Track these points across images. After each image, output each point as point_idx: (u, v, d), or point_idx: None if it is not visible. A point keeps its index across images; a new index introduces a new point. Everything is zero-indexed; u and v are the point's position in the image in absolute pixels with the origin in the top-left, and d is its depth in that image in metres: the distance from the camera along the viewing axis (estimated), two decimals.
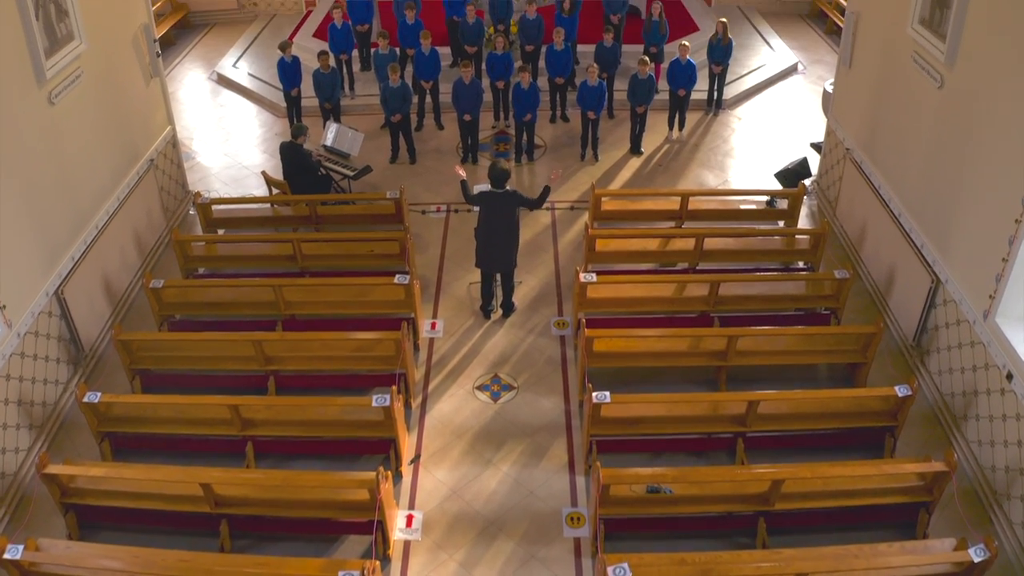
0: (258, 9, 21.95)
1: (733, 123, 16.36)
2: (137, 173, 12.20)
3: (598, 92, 14.18)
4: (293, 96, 15.63)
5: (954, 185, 9.56)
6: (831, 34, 20.40)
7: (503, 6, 16.67)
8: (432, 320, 11.38)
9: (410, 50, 15.87)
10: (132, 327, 11.20)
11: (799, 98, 17.43)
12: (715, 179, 14.48)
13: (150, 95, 12.83)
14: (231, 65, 19.12)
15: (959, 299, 9.44)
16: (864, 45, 12.21)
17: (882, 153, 11.59)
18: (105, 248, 11.23)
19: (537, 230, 13.14)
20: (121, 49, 11.91)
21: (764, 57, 18.86)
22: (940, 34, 9.68)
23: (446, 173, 14.59)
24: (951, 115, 9.61)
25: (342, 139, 13.66)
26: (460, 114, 14.37)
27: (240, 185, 14.63)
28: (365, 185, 13.97)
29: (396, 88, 14.13)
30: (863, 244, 12.17)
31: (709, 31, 18.20)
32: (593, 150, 14.96)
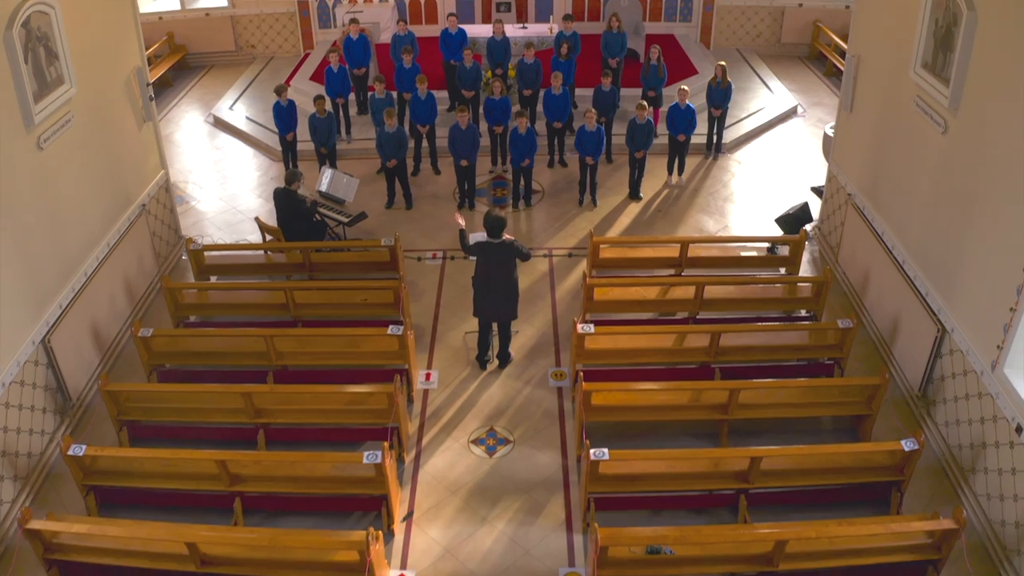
0: (256, 51, 21.96)
1: (733, 167, 16.22)
2: (128, 219, 12.04)
3: (596, 137, 14.04)
4: (289, 140, 15.50)
5: (959, 232, 9.37)
6: (831, 76, 20.37)
7: (501, 50, 16.58)
8: (427, 371, 11.14)
9: (406, 94, 15.77)
10: (121, 376, 11.03)
11: (799, 141, 17.32)
12: (715, 224, 14.30)
13: (143, 139, 12.69)
14: (228, 108, 19.06)
15: (966, 349, 9.21)
16: (865, 89, 12.08)
17: (884, 199, 11.41)
18: (94, 295, 11.04)
19: (534, 277, 12.94)
20: (113, 93, 11.77)
21: (763, 100, 18.78)
22: (943, 78, 9.53)
23: (443, 219, 14.45)
24: (955, 161, 9.45)
25: (337, 185, 13.50)
26: (457, 159, 14.23)
27: (235, 230, 14.45)
28: (361, 231, 13.81)
29: (392, 133, 14.00)
30: (866, 291, 11.96)
31: (708, 74, 18.19)
32: (591, 195, 14.80)
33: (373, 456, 8.48)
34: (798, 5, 21.44)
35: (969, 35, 9.00)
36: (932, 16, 9.75)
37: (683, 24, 21.57)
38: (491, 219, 10.24)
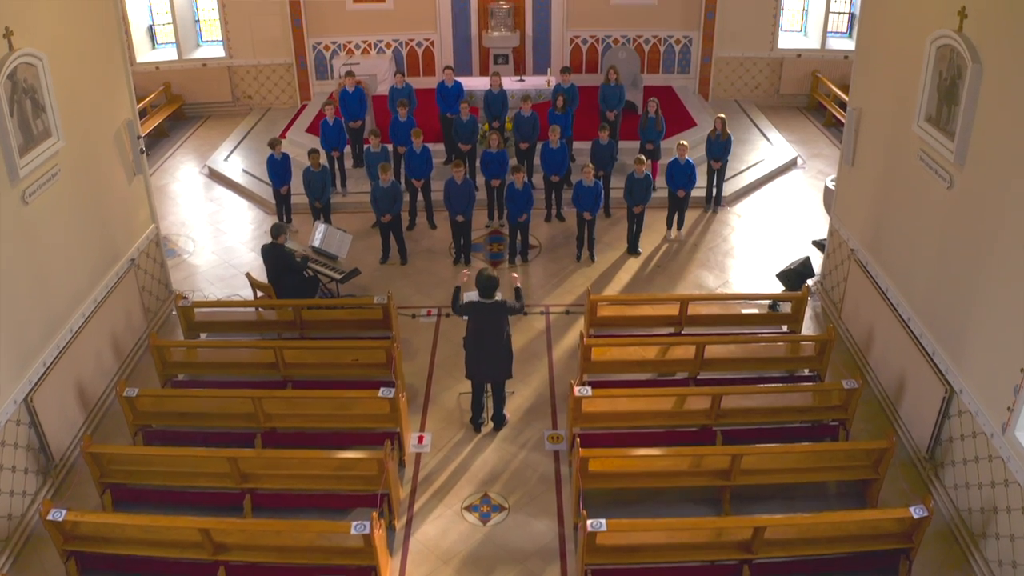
0: (253, 102, 21.90)
1: (733, 220, 16.03)
2: (117, 274, 11.83)
3: (594, 192, 13.87)
4: (283, 194, 15.37)
5: (967, 290, 9.14)
6: (830, 127, 20.30)
7: (498, 103, 16.47)
8: (420, 433, 10.84)
9: (401, 148, 15.62)
10: (106, 436, 10.78)
11: (799, 193, 17.16)
12: (715, 280, 14.07)
13: (133, 192, 12.52)
14: (223, 159, 18.92)
15: (975, 411, 8.95)
16: (867, 142, 11.91)
17: (888, 254, 11.20)
18: (80, 352, 10.79)
19: (531, 336, 12.68)
20: (102, 146, 11.62)
21: (763, 152, 18.66)
22: (948, 132, 9.34)
23: (438, 274, 14.24)
24: (962, 217, 9.24)
25: (330, 240, 13.30)
26: (452, 215, 14.04)
27: (227, 285, 14.21)
28: (355, 287, 13.59)
29: (387, 188, 13.83)
30: (871, 349, 11.71)
31: (707, 126, 18.11)
32: (589, 251, 14.59)
33: (361, 527, 8.19)
34: (796, 56, 21.44)
35: (974, 88, 8.81)
36: (935, 69, 9.59)
37: (681, 76, 21.54)
38: (484, 279, 10.02)
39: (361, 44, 21.10)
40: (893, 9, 11.06)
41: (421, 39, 21.16)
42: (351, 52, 21.00)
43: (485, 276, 10.04)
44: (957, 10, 9.05)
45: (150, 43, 21.90)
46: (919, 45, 9.90)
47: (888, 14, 11.24)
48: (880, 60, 11.52)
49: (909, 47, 10.31)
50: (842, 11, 21.69)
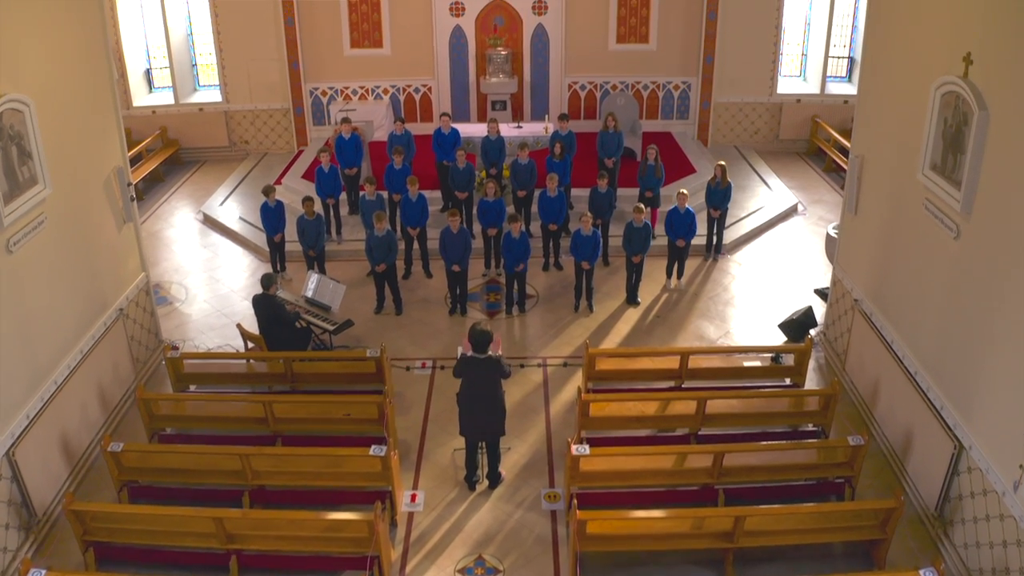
0: (250, 147, 21.83)
1: (733, 269, 15.81)
2: (104, 324, 11.58)
3: (592, 242, 13.67)
4: (277, 242, 15.22)
5: (975, 343, 8.88)
6: (830, 172, 20.20)
7: (496, 150, 16.34)
8: (412, 491, 10.51)
9: (397, 195, 15.47)
10: (91, 490, 10.51)
11: (800, 241, 16.97)
12: (716, 330, 13.81)
13: (122, 241, 12.31)
14: (219, 204, 18.76)
15: (985, 468, 8.66)
16: (870, 191, 11.72)
17: (893, 305, 10.95)
18: (65, 404, 10.52)
19: (528, 389, 12.39)
20: (91, 193, 11.43)
21: (763, 198, 18.50)
22: (954, 181, 9.13)
23: (433, 325, 14.00)
24: (969, 267, 9.00)
25: (323, 291, 13.08)
26: (448, 265, 13.82)
27: (220, 334, 13.95)
28: (349, 337, 13.35)
29: (381, 237, 13.63)
30: (876, 402, 11.42)
31: (706, 172, 18.03)
32: (588, 301, 14.34)
33: None
34: (796, 101, 21.42)
35: (981, 136, 8.61)
36: (940, 116, 9.39)
37: (680, 121, 21.49)
38: (476, 333, 9.76)
39: (359, 90, 21.08)
40: (896, 55, 10.91)
41: (419, 85, 21.13)
42: (348, 98, 20.95)
43: (478, 331, 9.78)
44: (962, 55, 8.88)
45: (147, 87, 21.93)
46: (923, 92, 9.73)
47: (890, 60, 11.08)
48: (883, 107, 11.35)
49: (913, 94, 10.15)
50: (841, 56, 21.72)
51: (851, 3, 21.26)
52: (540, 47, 20.79)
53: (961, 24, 9.11)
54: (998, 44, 8.41)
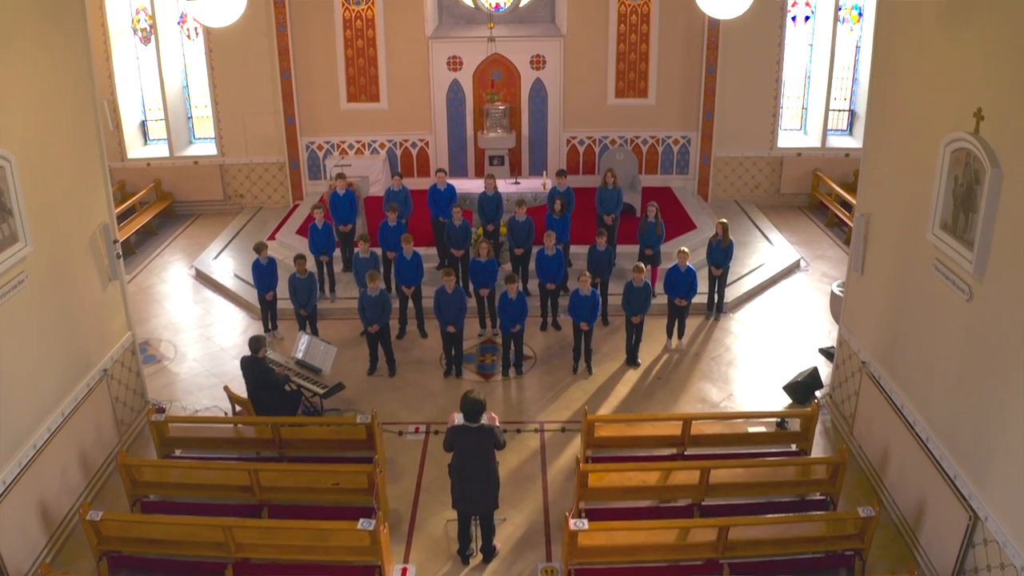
0: (245, 201, 21.63)
1: (735, 328, 15.47)
2: (87, 385, 11.25)
3: (591, 302, 13.35)
4: (268, 300, 14.94)
5: (991, 409, 8.52)
6: (832, 227, 20.00)
7: (493, 206, 16.11)
8: (403, 565, 10.07)
9: (391, 253, 15.22)
10: (71, 558, 10.15)
11: (804, 298, 16.65)
12: (719, 393, 13.42)
13: (107, 299, 12.00)
14: (212, 259, 18.50)
15: (1002, 540, 8.28)
16: (877, 250, 11.43)
17: (903, 368, 10.59)
18: (44, 469, 10.16)
19: (524, 456, 11.97)
20: (74, 250, 11.14)
21: (764, 254, 18.23)
22: (966, 241, 8.82)
23: (427, 387, 13.61)
24: (983, 331, 8.66)
25: (314, 353, 12.75)
26: (443, 325, 13.49)
27: (209, 395, 13.57)
28: (341, 400, 12.99)
29: (375, 297, 13.33)
30: (886, 469, 11.02)
31: (707, 228, 17.84)
32: (587, 362, 13.97)
33: None
34: (797, 155, 21.25)
35: (994, 194, 8.31)
36: (950, 174, 9.11)
37: (680, 176, 21.31)
38: (468, 402, 9.37)
39: (355, 144, 20.94)
40: (902, 110, 10.65)
41: (416, 139, 20.99)
42: (345, 152, 20.79)
43: (470, 399, 9.40)
44: (973, 111, 8.60)
45: (142, 139, 21.84)
46: (932, 148, 9.46)
47: (897, 115, 10.83)
48: (889, 164, 11.07)
49: (921, 150, 9.88)
50: (842, 108, 21.63)
51: (851, 56, 21.22)
52: (538, 102, 20.70)
53: (971, 78, 8.84)
54: (1010, 98, 8.13)
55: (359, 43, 20.15)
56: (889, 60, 11.08)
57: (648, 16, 20.08)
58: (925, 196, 9.69)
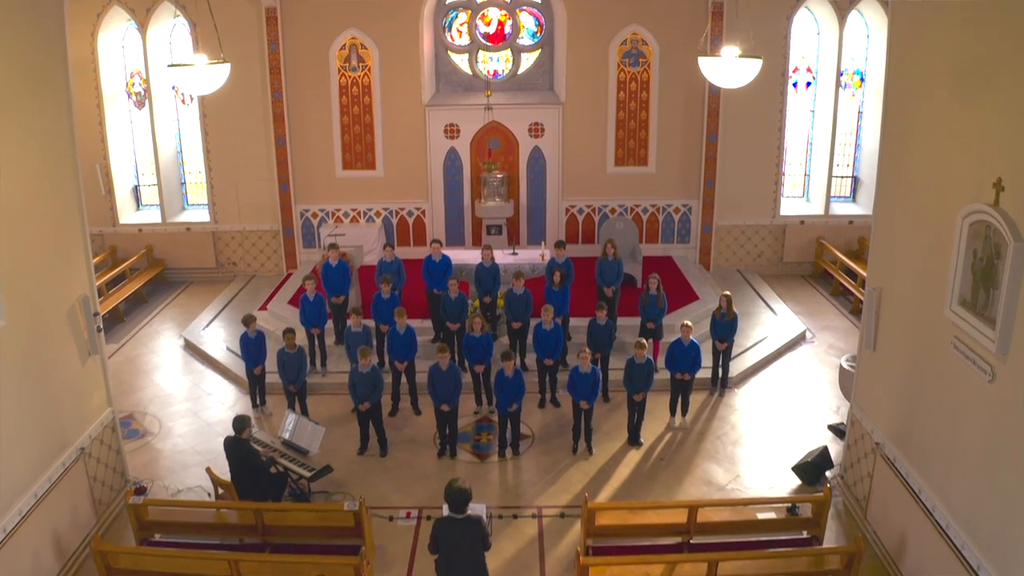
0: (237, 269, 21.31)
1: (740, 404, 14.96)
2: (63, 464, 10.78)
3: (591, 380, 12.85)
4: (257, 374, 14.47)
5: (1016, 496, 8.00)
6: (837, 296, 19.67)
7: (490, 278, 15.70)
8: None
9: (384, 327, 14.79)
10: None
11: (810, 372, 16.15)
12: (725, 474, 12.85)
13: (87, 374, 11.56)
14: (201, 330, 18.05)
15: None
16: (890, 326, 10.96)
17: (921, 452, 10.06)
18: (14, 554, 9.67)
19: (520, 544, 11.34)
20: (52, 324, 10.73)
21: (768, 326, 17.79)
22: (987, 319, 8.36)
23: (421, 468, 13.03)
24: (1007, 413, 8.15)
25: (301, 433, 12.23)
26: (437, 404, 12.98)
27: (192, 474, 12.97)
28: (329, 481, 12.41)
29: (366, 374, 12.85)
30: (903, 558, 10.43)
31: (709, 299, 17.51)
32: (587, 442, 13.40)
33: None
34: (800, 223, 21.00)
35: (1017, 269, 7.88)
36: (968, 247, 8.70)
37: (681, 245, 21.03)
38: (453, 492, 8.75)
39: (350, 212, 20.68)
40: (915, 181, 10.26)
41: (412, 208, 20.71)
42: (340, 220, 20.51)
43: (455, 488, 8.78)
44: (992, 181, 8.21)
45: (135, 204, 21.66)
46: (948, 220, 9.06)
47: (909, 186, 10.44)
48: (902, 236, 10.66)
49: (936, 222, 9.50)
50: (845, 175, 21.47)
51: (854, 122, 21.12)
52: (537, 170, 20.47)
53: (989, 147, 8.47)
54: None
55: (355, 110, 19.97)
56: (900, 129, 10.74)
57: (648, 83, 19.94)
58: (941, 270, 9.27)
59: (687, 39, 19.15)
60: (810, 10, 20.15)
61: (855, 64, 20.82)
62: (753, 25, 13.76)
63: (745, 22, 13.90)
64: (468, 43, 20.54)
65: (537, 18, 20.39)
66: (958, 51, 9.21)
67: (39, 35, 10.46)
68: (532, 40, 20.55)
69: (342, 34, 19.58)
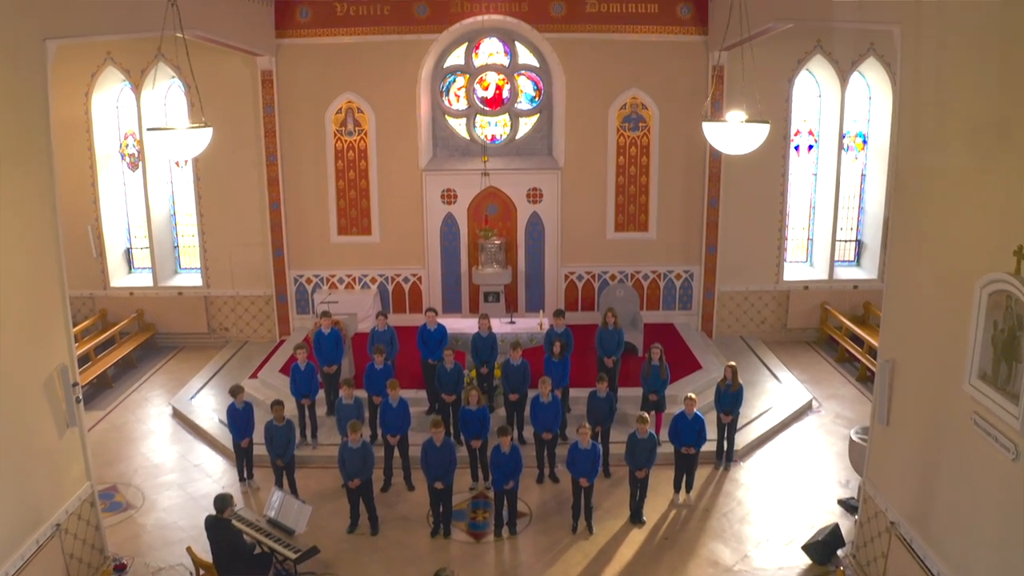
0: (229, 335, 20.94)
1: (746, 479, 14.43)
2: (37, 541, 10.39)
3: (591, 456, 12.37)
4: (244, 447, 13.98)
5: None
6: (843, 363, 19.29)
7: (486, 348, 15.31)
8: None
9: (377, 398, 14.37)
10: None
11: (818, 443, 15.66)
12: (732, 554, 12.29)
13: (64, 447, 11.19)
14: (189, 399, 17.59)
15: None
16: (904, 400, 10.58)
17: (939, 532, 9.61)
18: None
19: None
20: (28, 395, 10.41)
21: (773, 395, 17.35)
22: (1010, 394, 8.00)
23: (413, 548, 12.47)
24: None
25: (287, 512, 11.73)
26: (430, 480, 12.48)
27: (174, 552, 12.38)
28: (317, 562, 11.85)
29: (356, 449, 12.37)
30: None
31: (712, 368, 17.17)
32: (587, 521, 12.86)
33: None
34: (804, 288, 20.66)
35: None
36: (988, 318, 8.36)
37: (683, 312, 20.68)
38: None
39: (345, 278, 20.39)
40: (929, 246, 9.97)
41: (408, 274, 20.41)
42: (334, 287, 20.20)
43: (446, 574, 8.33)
44: (1012, 249, 7.90)
45: (126, 267, 21.38)
46: (965, 290, 8.72)
47: (923, 254, 10.15)
48: (916, 306, 10.33)
49: (952, 292, 9.16)
50: (849, 239, 21.23)
51: (856, 185, 20.94)
52: (535, 236, 20.20)
53: (1009, 212, 8.16)
54: None
55: (351, 174, 19.77)
56: (912, 193, 10.48)
57: (648, 148, 19.77)
58: (959, 342, 8.93)
59: (687, 103, 19.05)
60: (811, 72, 20.04)
61: (857, 126, 20.68)
62: (754, 88, 13.49)
63: (749, 85, 13.63)
64: (466, 107, 20.39)
65: (535, 82, 20.26)
66: (975, 112, 8.96)
67: (20, 99, 10.23)
68: (530, 105, 20.40)
69: (338, 98, 19.47)
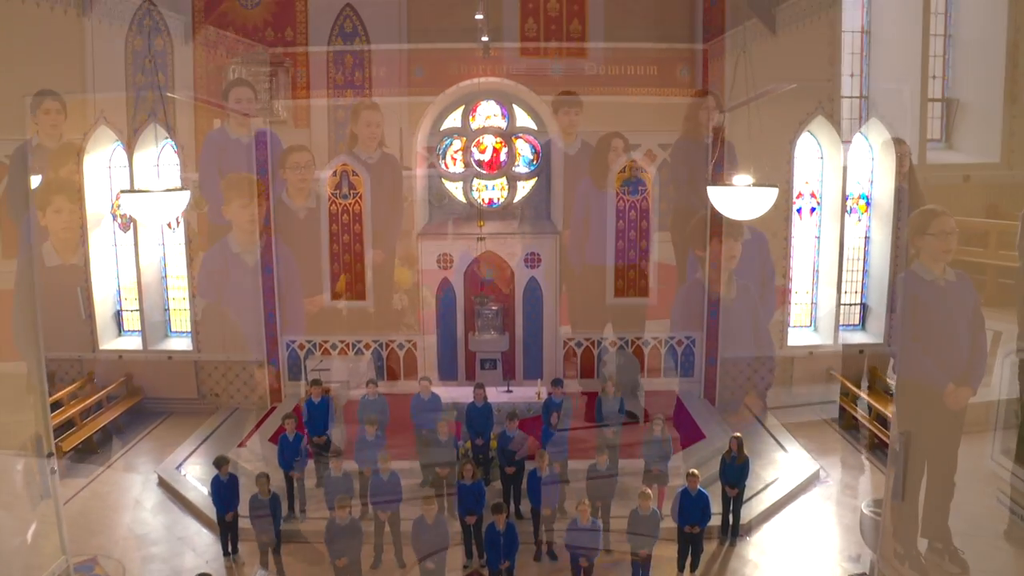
0: (220, 400, 20.44)
1: (753, 555, 13.87)
2: None
3: (591, 535, 11.85)
4: (228, 521, 13.48)
5: None
6: (849, 430, 18.77)
7: (482, 418, 14.90)
8: None
9: (367, 470, 13.91)
10: None
11: (826, 516, 15.14)
12: None
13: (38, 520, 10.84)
14: (175, 467, 17.05)
15: None
16: (921, 475, 10.08)
17: None
18: None
19: None
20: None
21: (780, 466, 16.83)
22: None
23: None
24: None
25: None
26: (420, 561, 12.00)
27: None
28: None
29: (344, 525, 12.00)
30: None
31: (716, 437, 16.75)
32: None
33: None
34: (808, 353, 20.25)
35: None
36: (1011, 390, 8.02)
37: (685, 379, 20.25)
38: None
39: (338, 344, 19.95)
40: None
41: (403, 340, 19.99)
42: (327, 352, 19.79)
43: None
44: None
45: (116, 330, 20.91)
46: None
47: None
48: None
49: None
50: (853, 303, 20.89)
51: (860, 247, 20.68)
52: (533, 301, 19.83)
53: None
54: None
55: (345, 238, 19.50)
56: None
57: (648, 212, 19.51)
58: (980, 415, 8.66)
59: (688, 166, 18.84)
60: (813, 134, 19.85)
61: (860, 188, 20.44)
62: (756, 151, 13.33)
63: (755, 147, 13.43)
64: (463, 171, 20.17)
65: (533, 146, 20.08)
66: None
67: None
68: (528, 168, 20.18)
69: (333, 160, 19.26)
